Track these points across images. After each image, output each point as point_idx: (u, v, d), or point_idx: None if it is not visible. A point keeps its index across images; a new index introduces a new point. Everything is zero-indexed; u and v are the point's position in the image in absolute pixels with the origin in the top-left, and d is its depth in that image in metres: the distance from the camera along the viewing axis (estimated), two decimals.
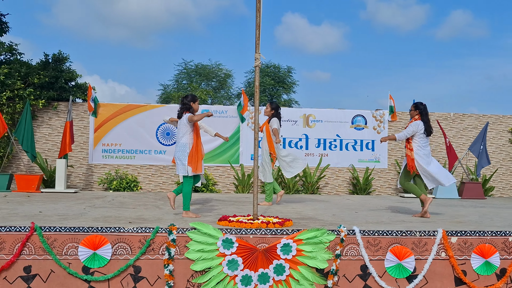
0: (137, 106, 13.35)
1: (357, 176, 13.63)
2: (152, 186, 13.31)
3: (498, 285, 5.81)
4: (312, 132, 13.74)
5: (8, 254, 5.38)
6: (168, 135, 13.31)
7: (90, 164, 13.21)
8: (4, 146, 12.60)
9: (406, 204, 10.24)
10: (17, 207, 7.95)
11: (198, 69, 32.30)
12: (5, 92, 12.41)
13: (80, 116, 13.33)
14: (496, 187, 14.32)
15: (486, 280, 5.83)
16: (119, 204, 8.84)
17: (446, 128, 14.19)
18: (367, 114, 14.02)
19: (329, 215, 7.54)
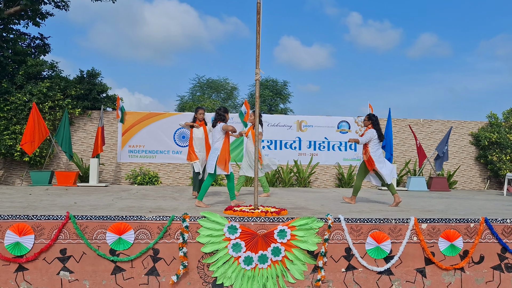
0: (157, 113, 13.27)
1: (342, 172, 13.54)
2: (170, 181, 13.22)
3: (461, 264, 5.70)
4: (304, 135, 13.65)
5: (47, 238, 5.30)
6: (184, 138, 13.22)
7: (119, 162, 13.13)
8: (46, 147, 12.53)
9: (383, 196, 10.13)
10: (56, 198, 7.88)
11: (209, 82, 32.26)
12: (47, 103, 12.34)
13: (110, 122, 13.25)
14: (459, 181, 14.20)
15: (452, 260, 5.72)
16: (142, 196, 8.76)
17: (417, 132, 14.08)
18: (350, 120, 13.92)
19: (319, 205, 7.46)
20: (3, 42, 12.81)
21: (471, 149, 14.41)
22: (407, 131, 14.15)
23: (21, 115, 12.16)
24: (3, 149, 11.97)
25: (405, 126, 14.19)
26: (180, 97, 31.31)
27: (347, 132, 13.82)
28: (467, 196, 10.68)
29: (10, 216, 5.36)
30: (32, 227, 5.32)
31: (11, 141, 11.96)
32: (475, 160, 14.37)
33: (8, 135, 12.01)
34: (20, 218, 5.36)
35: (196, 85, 32.40)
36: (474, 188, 14.27)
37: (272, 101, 30.64)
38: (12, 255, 5.27)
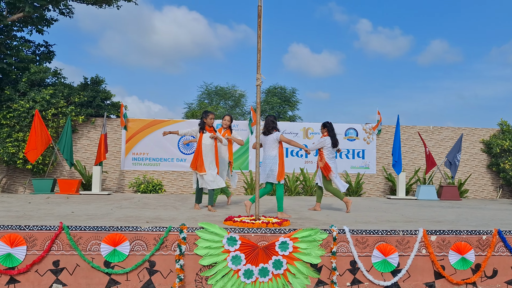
0: (161, 121, 13.13)
1: (350, 180, 13.28)
2: (174, 189, 13.04)
3: (473, 278, 5.43)
4: (311, 143, 13.42)
5: (39, 250, 5.12)
6: (188, 146, 13.05)
7: (122, 170, 12.99)
8: (49, 155, 12.42)
9: (392, 205, 9.87)
10: (55, 207, 7.72)
11: (217, 90, 32.17)
12: (50, 110, 12.24)
13: (114, 129, 13.13)
14: (470, 190, 13.88)
15: (463, 274, 5.45)
16: (143, 205, 8.57)
17: (426, 139, 13.81)
18: (358, 127, 13.68)
19: (323, 215, 7.22)
20: (6, 49, 12.76)
21: (483, 156, 14.09)
22: (416, 138, 13.87)
23: (24, 122, 12.06)
24: (6, 156, 11.88)
25: (414, 133, 13.92)
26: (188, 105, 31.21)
27: (355, 140, 13.58)
28: (479, 206, 10.37)
29: (2, 226, 5.19)
30: (24, 238, 5.14)
31: (13, 149, 11.86)
32: (487, 168, 14.04)
33: (11, 142, 11.92)
34: (12, 228, 5.18)
35: (204, 93, 32.33)
36: (486, 197, 13.93)
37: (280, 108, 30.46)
38: (4, 267, 5.09)
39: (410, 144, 13.90)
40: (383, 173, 13.66)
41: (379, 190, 13.65)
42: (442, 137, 14.00)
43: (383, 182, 13.67)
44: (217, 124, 12.89)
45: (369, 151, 13.63)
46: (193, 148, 13.03)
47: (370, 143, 13.64)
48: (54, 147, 12.17)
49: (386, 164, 13.68)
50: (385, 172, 13.57)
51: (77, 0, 12.91)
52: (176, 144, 13.06)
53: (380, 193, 13.62)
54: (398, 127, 12.59)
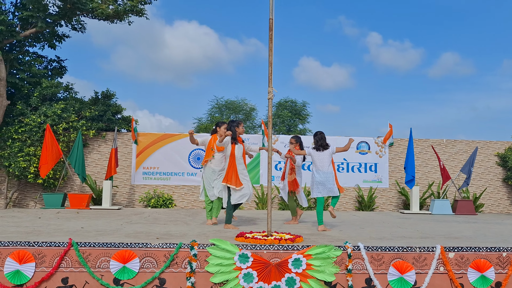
0: (172, 135, 13.11)
1: (362, 194, 13.12)
2: (185, 204, 12.96)
3: None
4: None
5: (48, 266, 5.05)
6: (199, 160, 13.00)
7: (133, 184, 12.95)
8: (60, 169, 12.43)
9: (406, 220, 9.69)
10: (64, 223, 7.67)
11: (228, 104, 32.20)
12: (62, 124, 12.27)
13: (125, 144, 13.13)
14: (485, 204, 13.62)
15: None
16: (153, 220, 8.50)
17: (440, 152, 13.62)
18: (370, 140, 13.55)
19: (337, 231, 7.09)
20: (18, 64, 12.86)
21: (498, 170, 13.84)
22: (429, 151, 13.69)
23: (36, 136, 12.10)
24: (17, 171, 11.90)
25: (428, 147, 13.74)
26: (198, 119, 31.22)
27: (367, 153, 13.44)
28: (495, 221, 10.14)
29: (11, 242, 5.13)
30: (33, 255, 5.08)
31: (25, 163, 11.89)
32: (503, 181, 13.79)
33: (22, 157, 11.95)
34: (21, 245, 5.12)
35: (215, 107, 32.37)
36: (502, 212, 13.66)
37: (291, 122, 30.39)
38: (12, 284, 5.02)
39: (423, 158, 13.71)
40: (396, 187, 13.47)
41: (392, 204, 13.46)
42: (456, 150, 13.80)
43: (396, 196, 13.48)
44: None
45: (381, 164, 13.47)
46: None
47: (383, 157, 13.48)
48: (65, 161, 12.18)
49: (399, 178, 13.50)
50: (398, 186, 13.38)
51: (89, 16, 13.02)
52: (187, 158, 13.01)
53: (393, 207, 13.43)
54: (411, 141, 12.44)
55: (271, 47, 5.77)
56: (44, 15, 12.32)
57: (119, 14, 12.70)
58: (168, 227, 7.31)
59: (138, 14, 12.93)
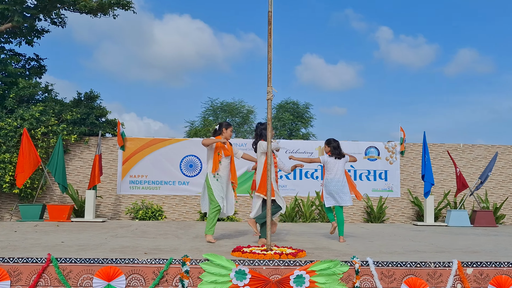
0: (162, 140, 13.11)
1: (371, 205, 13.11)
2: (176, 215, 12.94)
3: None
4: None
5: (25, 285, 5.03)
6: (191, 167, 12.99)
7: (118, 194, 12.93)
8: (38, 178, 12.41)
9: (419, 233, 9.68)
10: (43, 237, 7.65)
11: (223, 106, 32.24)
12: (40, 128, 12.27)
13: (110, 149, 13.12)
14: (507, 215, 13.62)
15: None
16: (141, 234, 8.49)
17: (456, 158, 13.63)
18: (380, 145, 13.56)
19: (343, 245, 7.10)
20: None
21: None
22: (445, 157, 13.71)
23: (11, 142, 12.09)
24: None
25: (443, 152, 13.76)
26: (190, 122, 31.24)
27: (376, 160, 13.45)
28: None
29: None
30: (7, 272, 5.06)
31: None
32: None
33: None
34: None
35: (209, 109, 32.39)
36: None
37: (293, 125, 30.40)
38: None
39: (438, 164, 13.73)
40: (409, 197, 13.47)
41: (404, 215, 13.45)
42: (474, 156, 13.82)
43: (409, 206, 13.48)
44: None
45: (392, 172, 13.48)
46: (196, 170, 12.98)
47: (394, 163, 13.49)
48: (44, 169, 12.16)
49: (412, 186, 13.50)
50: (410, 195, 13.38)
51: (70, 9, 13.05)
52: (178, 166, 13.00)
53: (406, 219, 13.42)
54: (425, 146, 12.45)
55: (270, 43, 5.79)
56: (21, 8, 12.34)
57: (103, 7, 12.73)
58: (157, 241, 7.28)
59: (124, 7, 12.97)
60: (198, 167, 13.00)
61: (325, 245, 7.09)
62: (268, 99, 5.86)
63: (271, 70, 5.75)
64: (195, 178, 12.96)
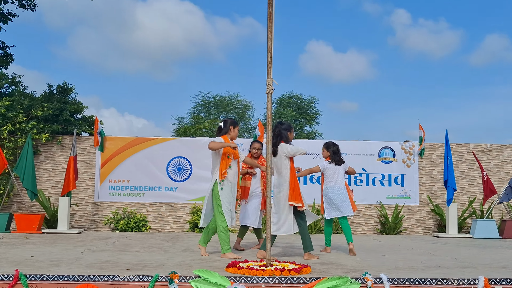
0: (146, 139, 13.13)
1: (386, 213, 13.15)
2: (162, 226, 12.97)
3: None
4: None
5: None
6: (180, 171, 13.01)
7: (96, 202, 12.95)
8: (4, 183, 12.41)
9: (441, 246, 9.72)
10: (10, 251, 7.68)
11: (216, 100, 32.34)
12: (6, 126, 12.29)
13: (86, 150, 13.13)
14: None
15: None
16: (122, 247, 8.52)
17: (483, 161, 13.67)
18: (395, 146, 13.59)
19: (354, 260, 7.14)
20: None
21: None
22: (470, 159, 13.76)
23: None
24: None
25: (468, 153, 13.81)
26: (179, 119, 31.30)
27: (391, 162, 13.49)
28: None
29: None
30: None
31: None
32: None
33: None
34: None
35: (199, 104, 32.49)
36: None
37: (296, 123, 30.52)
38: None
39: (462, 167, 13.77)
40: (429, 204, 13.52)
41: (423, 226, 13.50)
42: (503, 158, 13.87)
43: (429, 215, 13.52)
44: None
45: (410, 176, 13.51)
46: (185, 174, 13.00)
47: (411, 166, 13.53)
48: (11, 173, 12.18)
49: (432, 193, 13.55)
50: (430, 202, 13.43)
51: None
52: (165, 169, 13.02)
53: (425, 229, 13.47)
54: (447, 146, 12.48)
55: (270, 28, 5.81)
56: None
57: None
58: (141, 255, 7.32)
59: None
60: (187, 170, 13.01)
61: (333, 259, 7.12)
62: (267, 93, 5.88)
63: (272, 60, 5.77)
64: (184, 183, 12.99)
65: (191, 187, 12.97)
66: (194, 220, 12.56)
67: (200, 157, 12.91)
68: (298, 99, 31.24)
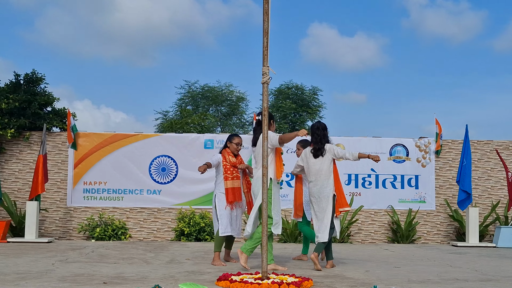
0: (126, 135, 13.12)
1: (398, 220, 13.18)
2: (144, 234, 12.98)
3: None
4: (341, 166, 13.26)
5: None
6: (164, 171, 13.01)
7: (69, 207, 12.94)
8: None
9: (460, 256, 9.76)
10: None
11: (205, 91, 32.28)
12: None
13: (58, 148, 13.12)
14: None
15: None
16: (98, 258, 8.54)
17: (508, 160, 13.72)
18: (409, 143, 13.61)
19: (361, 272, 7.16)
20: None
21: None
22: (493, 158, 13.79)
23: None
24: None
25: (491, 151, 13.84)
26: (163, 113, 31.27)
27: (404, 161, 13.51)
28: None
29: None
30: None
31: None
32: None
33: None
34: None
35: (186, 95, 32.45)
36: None
37: (296, 117, 30.54)
38: None
39: (484, 167, 13.81)
40: (446, 210, 13.55)
41: (440, 233, 13.54)
42: None
43: (446, 222, 13.56)
44: (206, 140, 12.86)
45: (425, 177, 13.54)
46: (170, 175, 13.00)
47: (427, 166, 13.56)
48: None
49: (451, 196, 13.58)
50: (449, 207, 13.46)
51: None
52: (147, 169, 13.02)
53: (442, 238, 13.51)
54: (467, 143, 12.52)
55: (266, 9, 5.81)
56: None
57: None
58: (120, 267, 7.33)
59: None
60: (172, 171, 13.01)
61: (337, 272, 7.14)
62: (263, 83, 5.88)
63: (268, 45, 5.78)
64: (168, 186, 12.99)
65: (177, 190, 12.95)
66: (180, 227, 12.56)
67: (187, 156, 12.94)
68: (299, 89, 31.20)
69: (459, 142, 13.74)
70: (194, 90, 32.54)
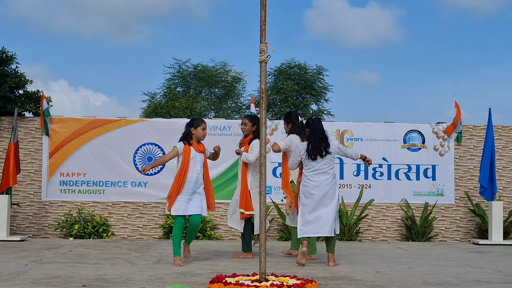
0: (107, 121, 13.11)
1: (413, 215, 13.21)
2: (128, 231, 13.01)
3: None
4: None
5: None
6: (150, 161, 13.01)
7: (44, 201, 12.96)
8: None
9: (482, 256, 9.81)
10: None
11: (198, 71, 32.27)
12: None
13: (31, 135, 13.12)
14: None
15: None
16: (77, 258, 8.58)
17: None
18: (425, 129, 13.62)
19: (371, 273, 7.20)
20: None
21: None
22: None
23: None
24: None
25: None
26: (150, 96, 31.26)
27: (420, 149, 13.52)
28: None
29: None
30: None
31: None
32: None
33: None
34: None
35: (175, 75, 32.43)
36: None
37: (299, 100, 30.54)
38: None
39: (510, 156, 13.82)
40: (467, 204, 13.57)
41: (460, 230, 13.58)
42: None
43: (467, 217, 13.59)
44: None
45: (443, 167, 13.55)
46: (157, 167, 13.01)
47: (445, 155, 13.57)
48: None
49: (472, 189, 13.60)
50: (469, 201, 13.48)
51: None
52: (131, 159, 13.03)
53: (462, 235, 13.55)
54: (490, 128, 12.53)
55: None
56: None
57: None
58: (102, 268, 7.37)
59: None
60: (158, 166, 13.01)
61: (344, 272, 7.19)
62: (261, 62, 5.89)
63: (266, 19, 5.78)
64: (155, 178, 13.00)
65: (165, 182, 12.86)
66: (168, 224, 12.58)
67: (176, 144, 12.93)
68: (302, 69, 31.20)
69: (482, 128, 13.74)
70: (185, 69, 32.54)
